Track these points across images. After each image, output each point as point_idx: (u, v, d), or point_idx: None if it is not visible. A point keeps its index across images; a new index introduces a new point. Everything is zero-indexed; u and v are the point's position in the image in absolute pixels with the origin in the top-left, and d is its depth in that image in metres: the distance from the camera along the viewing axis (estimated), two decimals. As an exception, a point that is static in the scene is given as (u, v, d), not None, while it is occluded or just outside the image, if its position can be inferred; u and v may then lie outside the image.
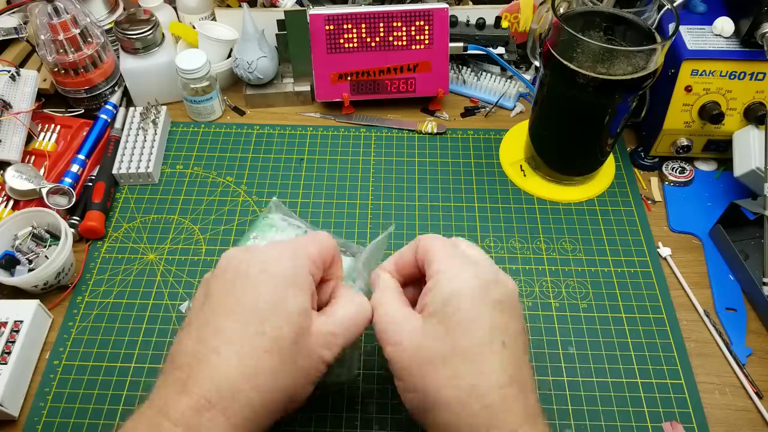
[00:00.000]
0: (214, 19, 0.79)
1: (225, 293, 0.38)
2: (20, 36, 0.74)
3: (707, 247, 0.63)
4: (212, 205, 0.66)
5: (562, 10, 0.58)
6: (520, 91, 0.78)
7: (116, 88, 0.74)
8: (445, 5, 0.69)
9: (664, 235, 0.64)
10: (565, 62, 0.55)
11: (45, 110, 0.72)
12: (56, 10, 0.65)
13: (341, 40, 0.70)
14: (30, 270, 0.57)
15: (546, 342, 0.55)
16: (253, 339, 0.35)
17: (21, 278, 0.56)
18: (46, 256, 0.58)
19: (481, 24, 0.75)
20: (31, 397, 0.52)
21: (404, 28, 0.70)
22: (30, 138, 0.68)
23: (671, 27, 0.55)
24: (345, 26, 0.69)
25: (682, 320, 0.57)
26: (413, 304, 0.41)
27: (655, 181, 0.69)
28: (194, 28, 0.77)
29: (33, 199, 0.63)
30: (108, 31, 0.74)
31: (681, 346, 0.55)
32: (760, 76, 0.61)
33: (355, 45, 0.71)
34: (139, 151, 0.68)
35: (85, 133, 0.70)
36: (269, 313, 0.36)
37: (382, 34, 0.70)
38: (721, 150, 0.68)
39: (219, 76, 0.76)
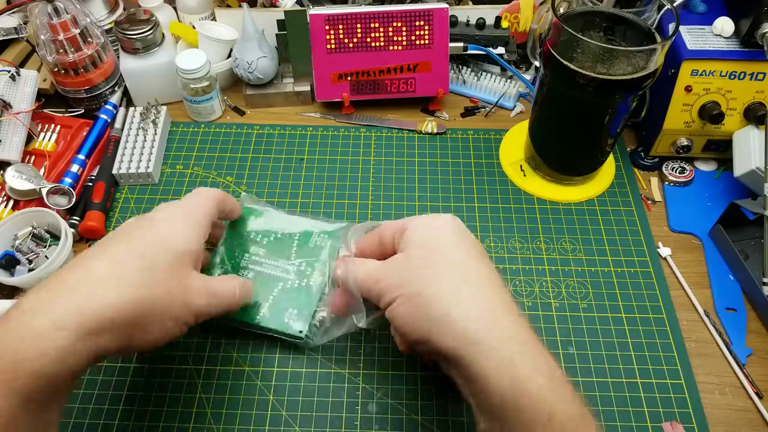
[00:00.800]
0: (214, 19, 0.79)
1: (121, 231, 0.44)
2: (20, 36, 0.74)
3: (707, 247, 0.63)
4: (212, 205, 0.66)
5: (562, 10, 0.58)
6: (520, 91, 0.78)
7: (116, 88, 0.74)
8: (445, 5, 0.69)
9: (664, 235, 0.64)
10: (565, 62, 0.55)
11: (45, 110, 0.72)
12: (56, 10, 0.65)
13: (341, 40, 0.70)
14: (30, 270, 0.57)
15: (546, 342, 0.55)
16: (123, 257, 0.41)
17: (21, 278, 0.56)
18: (46, 256, 0.58)
19: (481, 24, 0.75)
20: (31, 397, 0.52)
21: (404, 28, 0.70)
22: (30, 138, 0.68)
23: (671, 27, 0.55)
24: (345, 26, 0.69)
25: (682, 320, 0.57)
26: None
27: (655, 181, 0.69)
28: (194, 28, 0.77)
29: (33, 199, 0.63)
30: (108, 31, 0.74)
31: (681, 346, 0.55)
32: (760, 76, 0.61)
33: (355, 45, 0.71)
34: (139, 151, 0.68)
35: (85, 133, 0.70)
36: (150, 244, 0.42)
37: (382, 34, 0.70)
38: (721, 150, 0.68)
39: (219, 76, 0.76)
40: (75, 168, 0.66)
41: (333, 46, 0.71)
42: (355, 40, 0.70)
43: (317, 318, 0.52)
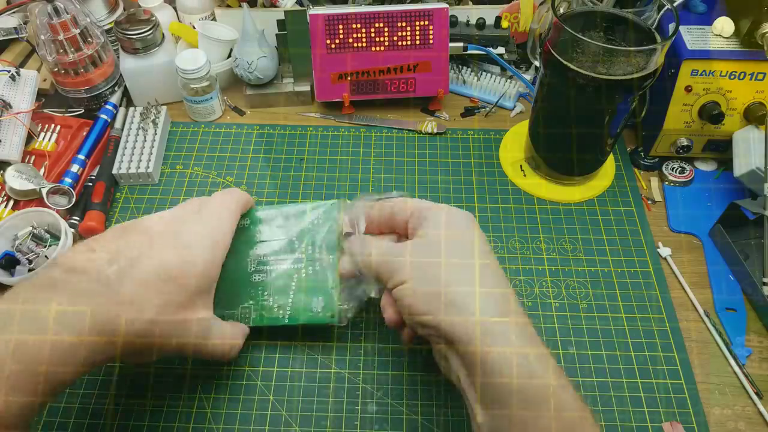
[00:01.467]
0: (214, 19, 0.79)
1: (147, 242, 0.45)
2: (20, 36, 0.74)
3: (707, 247, 0.63)
4: (212, 205, 0.66)
5: (562, 10, 0.58)
6: (520, 91, 0.78)
7: (116, 88, 0.74)
8: (445, 5, 0.69)
9: (664, 235, 0.64)
10: (565, 62, 0.55)
11: (45, 110, 0.72)
12: (56, 10, 0.65)
13: (341, 40, 0.70)
14: (30, 270, 0.57)
15: (546, 342, 0.55)
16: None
17: (21, 278, 0.56)
18: (46, 256, 0.58)
19: (481, 24, 0.75)
20: (31, 397, 0.52)
21: (404, 28, 0.70)
22: (30, 138, 0.68)
23: (671, 27, 0.55)
24: (345, 26, 0.69)
25: (682, 320, 0.57)
26: None
27: (655, 181, 0.69)
28: (194, 28, 0.77)
29: (33, 199, 0.63)
30: (108, 31, 0.75)
31: (681, 346, 0.55)
32: (760, 76, 0.61)
33: (356, 45, 0.71)
34: (139, 151, 0.68)
35: (85, 133, 0.70)
36: (170, 275, 0.43)
37: (382, 34, 0.70)
38: (721, 150, 0.68)
39: (219, 76, 0.76)
40: (75, 168, 0.66)
41: (333, 46, 0.71)
42: (354, 40, 0.70)
43: (340, 297, 0.51)
